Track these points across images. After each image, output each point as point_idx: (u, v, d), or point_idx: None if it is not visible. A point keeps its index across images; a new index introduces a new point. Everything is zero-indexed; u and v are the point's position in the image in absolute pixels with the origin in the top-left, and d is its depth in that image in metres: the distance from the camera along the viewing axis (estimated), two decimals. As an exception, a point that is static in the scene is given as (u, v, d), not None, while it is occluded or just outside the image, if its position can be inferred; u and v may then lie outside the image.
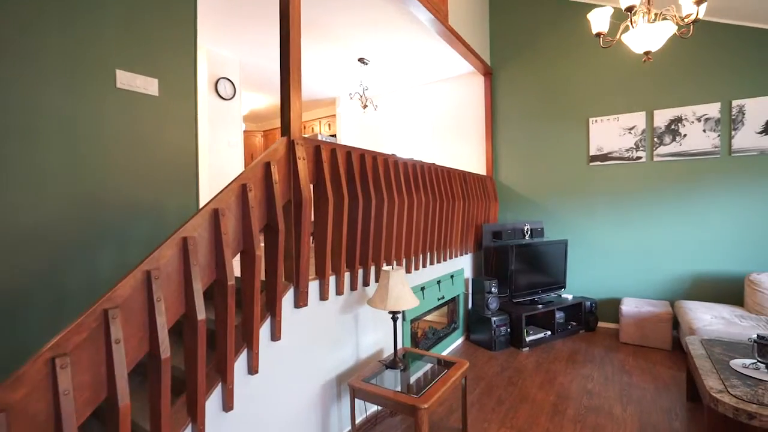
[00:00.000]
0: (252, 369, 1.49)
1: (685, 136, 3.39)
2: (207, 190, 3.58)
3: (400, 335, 2.47)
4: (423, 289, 2.84)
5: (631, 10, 1.68)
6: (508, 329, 3.31)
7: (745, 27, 3.18)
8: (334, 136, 5.66)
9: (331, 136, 5.72)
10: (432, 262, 2.96)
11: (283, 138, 1.69)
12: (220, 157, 3.89)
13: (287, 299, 1.69)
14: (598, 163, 3.79)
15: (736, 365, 1.93)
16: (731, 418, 1.64)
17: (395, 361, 2.02)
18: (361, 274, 2.18)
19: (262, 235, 1.59)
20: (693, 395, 2.33)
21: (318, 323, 1.87)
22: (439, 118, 4.93)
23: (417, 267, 2.74)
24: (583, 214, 3.92)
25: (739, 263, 3.25)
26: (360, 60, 4.22)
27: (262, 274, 1.62)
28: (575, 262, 3.97)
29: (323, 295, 1.88)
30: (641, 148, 3.58)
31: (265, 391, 1.57)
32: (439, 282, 3.09)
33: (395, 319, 2.02)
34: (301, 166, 1.70)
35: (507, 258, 3.52)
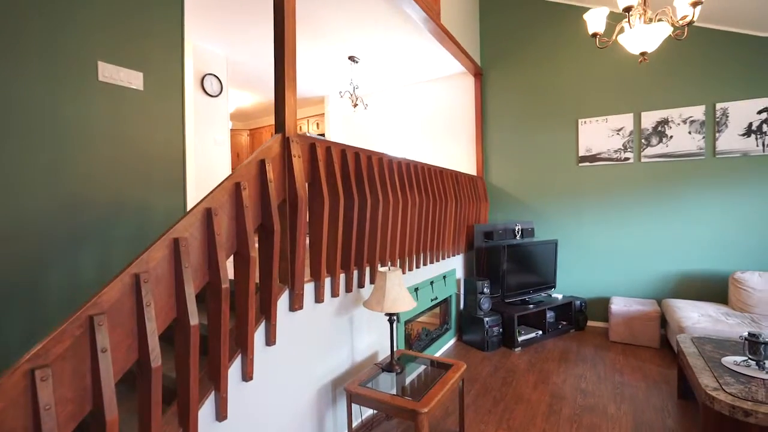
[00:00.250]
0: (246, 376, 1.42)
1: (671, 137, 3.46)
2: (193, 189, 3.46)
3: (395, 337, 2.43)
4: (417, 290, 2.81)
5: (629, 10, 1.69)
6: (501, 329, 3.31)
7: (728, 32, 3.27)
8: (323, 135, 5.59)
9: (319, 135, 5.64)
10: (425, 263, 2.93)
11: (278, 135, 1.63)
12: (206, 155, 3.77)
13: (282, 302, 1.63)
14: (587, 163, 3.84)
15: (728, 362, 1.96)
16: (726, 416, 1.66)
17: (392, 364, 1.98)
18: (355, 275, 2.13)
19: (256, 235, 1.53)
20: (684, 393, 2.37)
21: (313, 326, 1.81)
22: (429, 119, 4.91)
23: (411, 268, 2.71)
24: (572, 214, 3.96)
25: (723, 262, 3.33)
26: (350, 58, 4.16)
27: (256, 276, 1.56)
28: (564, 261, 4.00)
29: (318, 298, 1.82)
30: (629, 149, 3.64)
31: (259, 399, 1.51)
32: (432, 283, 3.07)
33: (392, 322, 1.98)
34: (297, 164, 1.64)
35: (498, 258, 3.52)
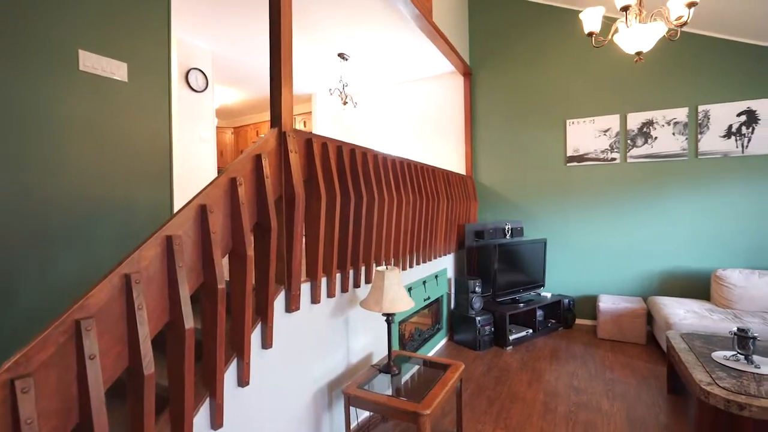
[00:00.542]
0: (242, 381, 1.35)
1: (656, 138, 3.54)
2: (177, 188, 3.33)
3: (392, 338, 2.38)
4: (410, 289, 2.77)
5: (626, 9, 1.71)
6: (492, 328, 3.31)
7: (710, 37, 3.36)
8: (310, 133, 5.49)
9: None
10: (418, 262, 2.90)
11: (274, 129, 1.57)
12: (191, 152, 3.64)
13: (278, 303, 1.57)
14: (575, 163, 3.89)
15: (718, 357, 2.00)
16: (720, 410, 1.69)
17: (389, 366, 1.93)
18: (351, 275, 2.08)
19: (251, 234, 1.46)
20: (673, 388, 2.41)
21: (310, 328, 1.75)
22: (418, 118, 4.89)
23: (404, 267, 2.67)
24: (559, 213, 4.01)
25: (705, 260, 3.42)
26: (340, 55, 4.10)
27: (253, 276, 1.49)
28: (552, 260, 4.05)
29: (315, 299, 1.76)
30: (616, 150, 3.71)
31: (255, 405, 1.44)
32: (424, 282, 3.04)
33: (389, 322, 1.93)
34: (294, 159, 1.58)
35: (489, 257, 3.53)
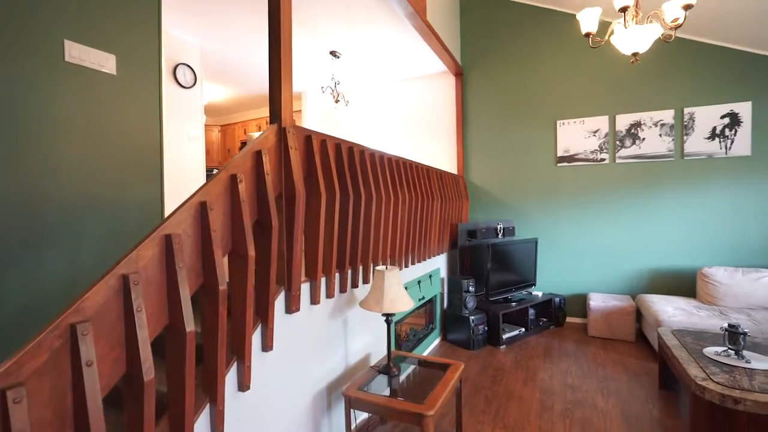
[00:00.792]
0: (243, 385, 1.31)
1: (644, 139, 3.62)
2: (166, 186, 3.22)
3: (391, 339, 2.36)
4: (406, 289, 2.75)
5: (624, 10, 1.73)
6: (486, 328, 3.32)
7: (695, 41, 3.45)
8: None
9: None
10: (414, 262, 2.88)
11: (274, 125, 1.52)
12: (179, 150, 3.54)
13: (278, 304, 1.52)
14: (565, 164, 3.94)
15: (710, 353, 2.05)
16: (715, 404, 1.72)
17: (389, 367, 1.91)
18: (350, 275, 2.04)
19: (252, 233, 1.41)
20: (665, 383, 2.46)
21: (309, 329, 1.71)
22: (410, 117, 4.88)
23: (401, 267, 2.65)
24: (550, 213, 4.05)
25: (691, 258, 3.51)
26: (332, 53, 4.06)
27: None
28: (543, 259, 4.09)
29: (314, 299, 1.72)
30: (605, 150, 3.77)
31: (256, 409, 1.39)
32: (419, 282, 3.03)
33: (389, 322, 1.91)
34: (294, 156, 1.54)
35: (482, 257, 3.54)
